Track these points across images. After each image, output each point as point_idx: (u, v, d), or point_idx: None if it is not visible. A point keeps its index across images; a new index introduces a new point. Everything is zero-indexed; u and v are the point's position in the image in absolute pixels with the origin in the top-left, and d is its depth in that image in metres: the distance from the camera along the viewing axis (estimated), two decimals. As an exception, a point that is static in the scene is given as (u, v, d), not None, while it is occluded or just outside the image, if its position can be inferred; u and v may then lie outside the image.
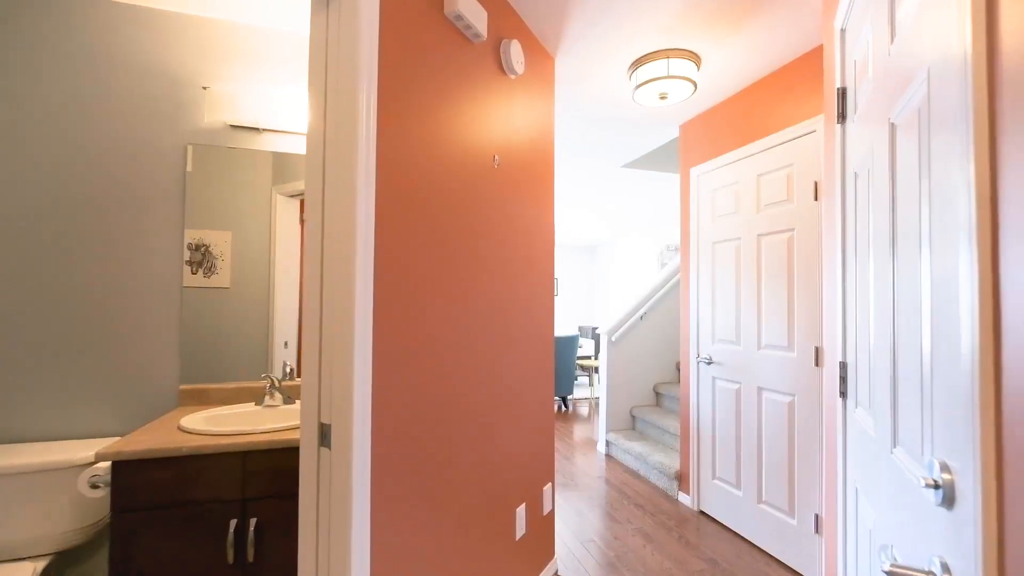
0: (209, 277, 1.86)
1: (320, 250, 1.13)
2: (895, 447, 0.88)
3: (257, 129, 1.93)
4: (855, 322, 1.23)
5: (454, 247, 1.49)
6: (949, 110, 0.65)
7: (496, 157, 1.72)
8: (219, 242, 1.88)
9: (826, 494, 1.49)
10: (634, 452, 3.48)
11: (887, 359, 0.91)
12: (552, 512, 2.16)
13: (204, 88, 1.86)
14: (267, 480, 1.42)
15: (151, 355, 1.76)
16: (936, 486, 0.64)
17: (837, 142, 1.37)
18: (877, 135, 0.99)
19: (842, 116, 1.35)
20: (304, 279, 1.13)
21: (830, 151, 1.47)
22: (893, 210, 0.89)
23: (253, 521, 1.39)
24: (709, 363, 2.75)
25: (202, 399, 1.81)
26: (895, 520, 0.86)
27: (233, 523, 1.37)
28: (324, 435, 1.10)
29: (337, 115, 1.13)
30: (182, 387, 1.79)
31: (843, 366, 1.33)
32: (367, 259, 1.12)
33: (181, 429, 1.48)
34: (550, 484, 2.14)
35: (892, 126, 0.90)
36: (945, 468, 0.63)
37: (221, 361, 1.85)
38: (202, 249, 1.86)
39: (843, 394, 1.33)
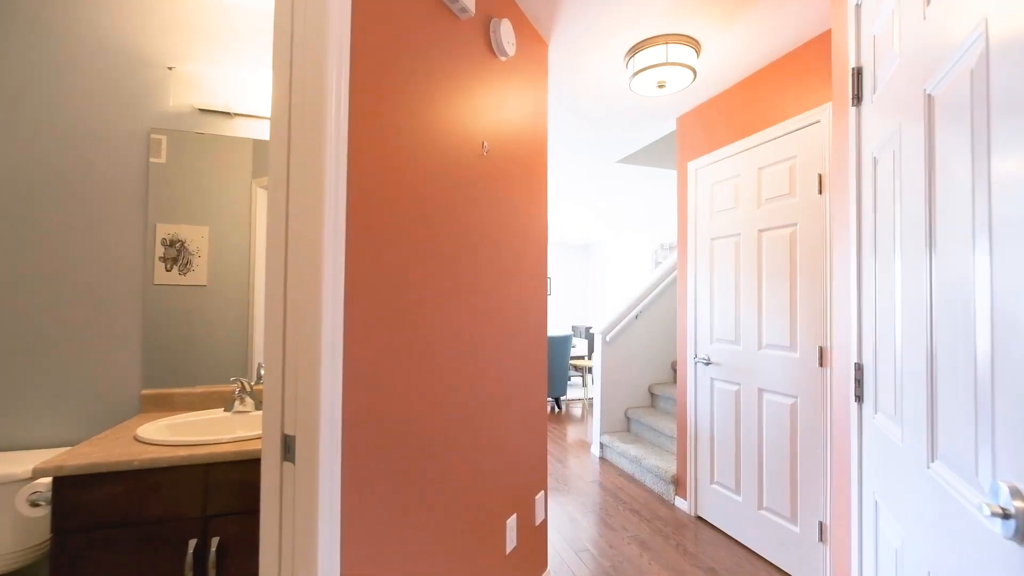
0: (185, 274, 1.73)
1: (284, 242, 1.00)
2: (933, 460, 0.78)
3: (228, 114, 1.79)
4: (873, 321, 1.13)
5: (439, 238, 1.37)
6: (1019, 82, 0.54)
7: (485, 144, 1.60)
8: (195, 238, 1.75)
9: (833, 502, 1.39)
10: (629, 455, 3.38)
11: (921, 362, 0.81)
12: (545, 521, 2.04)
13: (169, 68, 1.72)
14: (232, 495, 1.29)
15: (109, 357, 1.62)
16: (1005, 515, 0.53)
17: (851, 126, 1.27)
18: (908, 111, 0.88)
19: (857, 98, 1.25)
20: (266, 275, 1.01)
21: (842, 137, 1.37)
22: (930, 197, 0.79)
23: (215, 541, 1.26)
24: (707, 363, 2.66)
25: (167, 405, 1.67)
26: (935, 545, 0.76)
27: (192, 543, 1.24)
28: (288, 448, 0.97)
29: (303, 95, 1.00)
30: (144, 392, 1.65)
31: (858, 368, 1.24)
32: (336, 252, 1.00)
33: (137, 439, 1.35)
34: (543, 492, 2.03)
35: (928, 98, 0.80)
36: (1017, 494, 0.53)
37: (197, 363, 1.72)
38: (177, 245, 1.73)
39: (859, 398, 1.23)
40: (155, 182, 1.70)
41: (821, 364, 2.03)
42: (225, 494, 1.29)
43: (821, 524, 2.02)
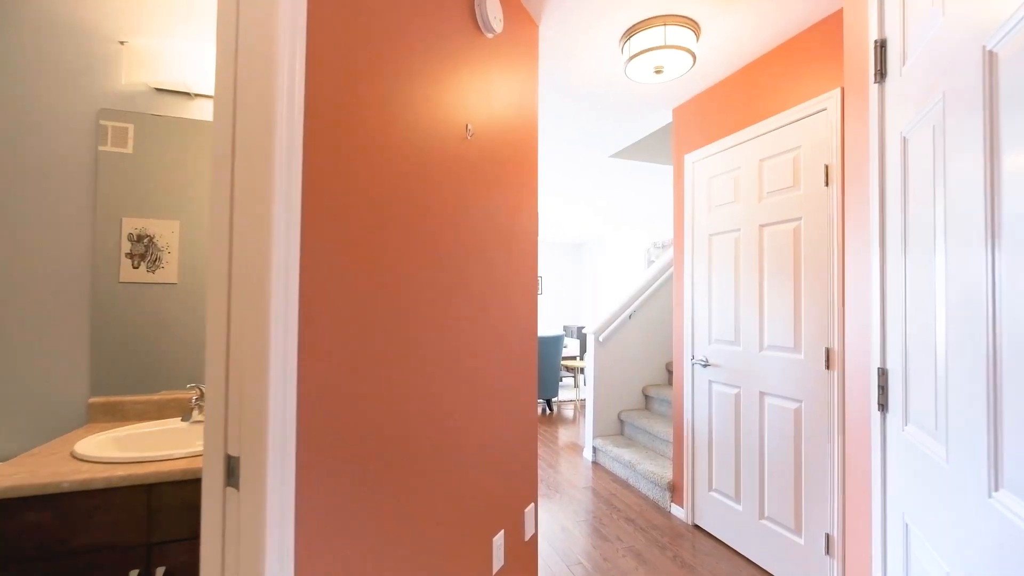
0: (154, 271, 1.59)
1: (229, 231, 0.85)
2: (996, 489, 0.65)
3: (188, 94, 1.63)
4: (902, 322, 1.01)
5: (416, 227, 1.23)
6: None
7: (469, 126, 1.46)
8: (165, 233, 1.61)
9: (846, 516, 1.27)
10: (623, 460, 3.25)
11: (979, 371, 0.69)
12: (535, 536, 1.91)
13: (121, 43, 1.56)
14: (181, 518, 1.14)
15: (51, 362, 1.46)
16: None
17: (873, 106, 1.15)
18: (957, 76, 0.76)
19: (881, 74, 1.13)
20: (208, 269, 0.86)
21: (859, 120, 1.25)
22: (992, 177, 0.66)
23: (160, 571, 1.11)
24: (705, 365, 2.54)
25: (118, 414, 1.51)
26: (999, 590, 0.63)
27: (134, 574, 1.09)
28: (231, 471, 0.83)
29: (250, 69, 0.85)
30: (92, 400, 1.49)
31: (882, 373, 1.11)
32: (290, 243, 0.86)
33: (74, 456, 1.19)
34: (533, 504, 1.90)
35: (989, 56, 0.67)
36: None
37: (164, 367, 1.58)
38: (145, 240, 1.59)
39: (882, 407, 1.11)
40: (120, 172, 1.56)
41: (828, 367, 1.92)
42: (173, 518, 1.14)
43: (828, 536, 1.90)
